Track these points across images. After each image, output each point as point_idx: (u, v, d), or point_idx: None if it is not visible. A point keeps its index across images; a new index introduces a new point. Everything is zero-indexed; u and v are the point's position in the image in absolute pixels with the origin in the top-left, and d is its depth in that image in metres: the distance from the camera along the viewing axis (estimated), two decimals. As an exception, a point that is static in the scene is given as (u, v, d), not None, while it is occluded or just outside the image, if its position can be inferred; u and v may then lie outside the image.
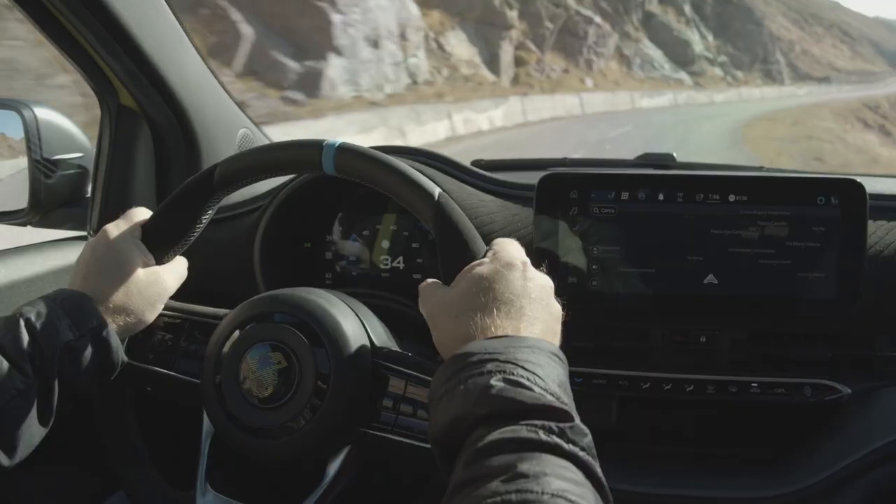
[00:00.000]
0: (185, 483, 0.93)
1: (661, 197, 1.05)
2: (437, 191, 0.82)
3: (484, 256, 0.79)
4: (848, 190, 1.01)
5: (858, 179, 1.02)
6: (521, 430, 0.58)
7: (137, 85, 1.21)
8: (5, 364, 0.75)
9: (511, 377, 0.62)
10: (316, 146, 0.85)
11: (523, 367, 0.63)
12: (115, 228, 0.89)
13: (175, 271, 0.93)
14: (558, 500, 0.53)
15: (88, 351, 0.81)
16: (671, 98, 37.64)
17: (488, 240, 0.82)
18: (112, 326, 0.83)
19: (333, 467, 0.86)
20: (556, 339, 0.74)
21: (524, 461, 0.56)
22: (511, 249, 0.79)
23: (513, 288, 0.73)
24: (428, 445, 0.79)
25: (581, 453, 0.59)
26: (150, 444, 0.96)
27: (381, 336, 0.89)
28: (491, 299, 0.72)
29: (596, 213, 1.06)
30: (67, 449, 1.24)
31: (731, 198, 1.03)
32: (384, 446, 0.83)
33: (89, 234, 1.29)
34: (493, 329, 0.70)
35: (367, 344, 0.86)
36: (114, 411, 0.93)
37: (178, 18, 1.24)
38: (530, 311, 0.72)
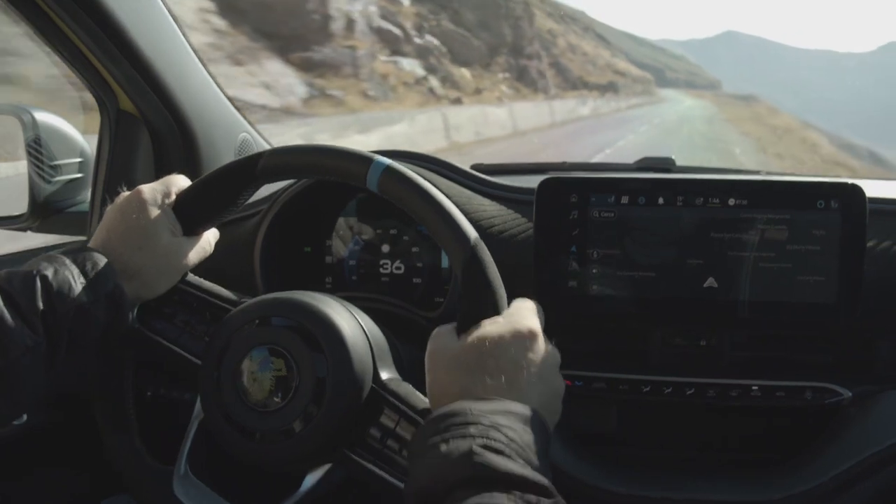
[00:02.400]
0: (166, 457, 0.92)
1: (660, 201, 1.05)
2: (474, 236, 0.80)
3: (501, 315, 0.78)
4: (848, 194, 1.01)
5: (858, 183, 1.02)
6: (502, 499, 0.58)
7: (137, 90, 1.21)
8: (18, 320, 0.74)
9: (492, 444, 0.62)
10: (365, 161, 0.83)
11: (506, 435, 0.63)
12: (150, 192, 0.88)
13: (200, 246, 0.92)
14: None
15: (101, 314, 0.80)
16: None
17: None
18: (127, 291, 0.83)
19: (310, 481, 0.85)
20: (551, 416, 0.73)
21: None
22: (525, 315, 0.77)
23: (513, 356, 0.72)
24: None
25: None
26: (141, 412, 0.95)
27: (383, 354, 0.88)
28: (488, 363, 0.72)
29: (596, 216, 1.06)
30: (66, 450, 1.25)
31: (731, 201, 1.03)
32: (363, 473, 0.83)
33: (89, 239, 1.29)
34: (482, 392, 0.69)
35: (369, 356, 0.86)
36: (111, 373, 0.92)
37: (177, 23, 1.24)
38: (525, 383, 0.72)
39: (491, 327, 0.75)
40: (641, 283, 1.06)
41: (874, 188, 1.07)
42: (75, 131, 1.32)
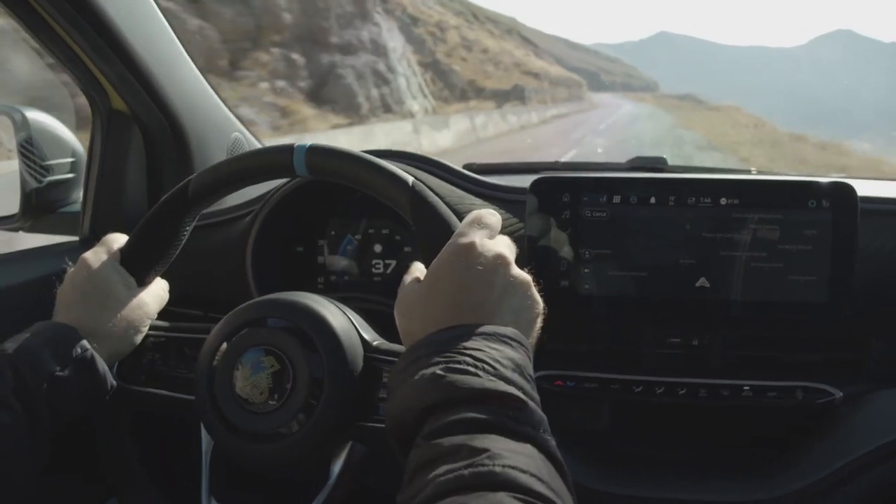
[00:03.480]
0: (189, 501, 0.93)
1: (652, 200, 1.05)
2: (410, 179, 0.82)
3: None
4: (839, 193, 1.01)
5: (850, 182, 1.02)
6: (469, 414, 0.59)
7: (129, 89, 1.21)
8: None
9: (456, 366, 0.62)
10: (287, 150, 0.85)
11: (470, 356, 0.63)
12: (92, 256, 0.90)
13: (155, 294, 0.94)
14: (510, 471, 0.53)
15: (75, 379, 0.81)
16: None
17: None
18: (97, 353, 0.84)
19: (337, 466, 0.86)
20: (524, 318, 0.72)
21: (474, 440, 0.56)
22: (462, 232, 0.76)
23: (455, 278, 0.72)
24: None
25: (531, 430, 0.59)
26: (152, 465, 0.96)
27: (366, 327, 0.90)
28: (437, 293, 0.72)
29: (588, 216, 1.06)
30: (66, 453, 1.25)
31: (723, 201, 1.03)
32: (385, 437, 0.83)
33: (81, 238, 1.29)
34: (441, 322, 0.69)
35: (360, 345, 0.87)
36: (111, 436, 0.93)
37: (169, 23, 1.24)
38: (478, 300, 0.71)
39: (436, 259, 0.75)
40: (633, 283, 1.06)
41: (866, 187, 1.07)
42: (67, 131, 1.32)
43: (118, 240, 0.93)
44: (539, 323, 0.75)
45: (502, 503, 0.51)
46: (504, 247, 0.75)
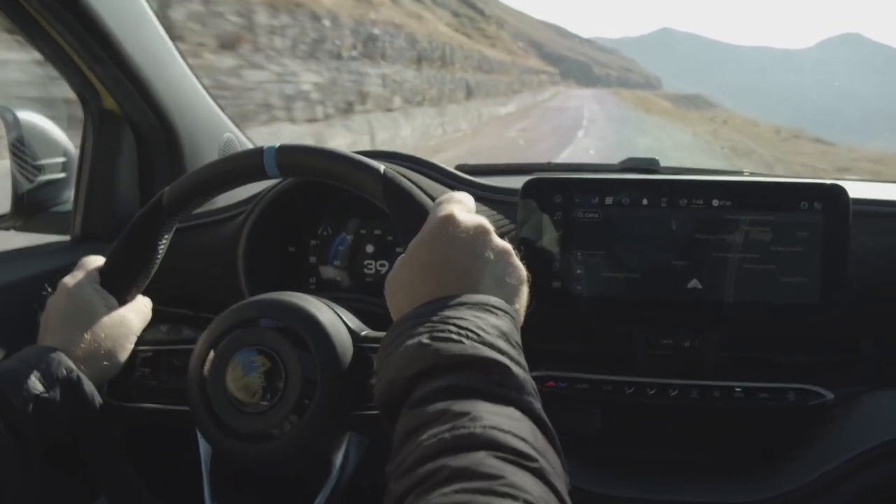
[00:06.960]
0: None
1: (644, 202, 1.05)
2: (381, 167, 0.82)
3: None
4: (831, 195, 1.01)
5: (842, 184, 1.02)
6: (453, 381, 0.59)
7: (120, 89, 1.20)
8: None
9: (440, 334, 0.62)
10: (257, 153, 0.85)
11: (454, 324, 0.63)
12: (71, 279, 0.90)
13: (138, 311, 0.94)
14: (490, 431, 0.54)
15: (62, 400, 0.80)
16: None
17: None
18: (84, 373, 0.83)
19: (338, 457, 0.86)
20: (507, 281, 0.72)
21: (457, 405, 0.57)
22: (439, 208, 0.76)
23: (437, 251, 0.72)
24: None
25: (515, 394, 0.59)
26: (150, 479, 0.95)
27: (357, 323, 0.90)
28: (419, 268, 0.72)
29: (580, 217, 1.06)
30: (59, 449, 1.24)
31: (715, 203, 1.03)
32: (379, 424, 0.84)
33: (73, 238, 1.29)
34: (425, 297, 0.69)
35: (349, 338, 0.86)
36: (106, 455, 0.93)
37: (161, 23, 1.24)
38: (461, 270, 0.70)
39: (415, 237, 0.75)
40: (626, 284, 1.05)
41: (858, 189, 1.07)
42: (59, 131, 1.31)
43: (96, 261, 0.93)
44: (525, 290, 0.74)
45: (482, 462, 0.51)
46: (483, 219, 0.75)
